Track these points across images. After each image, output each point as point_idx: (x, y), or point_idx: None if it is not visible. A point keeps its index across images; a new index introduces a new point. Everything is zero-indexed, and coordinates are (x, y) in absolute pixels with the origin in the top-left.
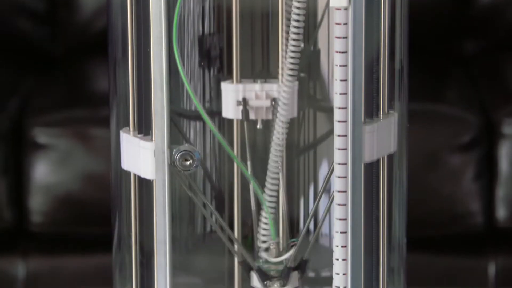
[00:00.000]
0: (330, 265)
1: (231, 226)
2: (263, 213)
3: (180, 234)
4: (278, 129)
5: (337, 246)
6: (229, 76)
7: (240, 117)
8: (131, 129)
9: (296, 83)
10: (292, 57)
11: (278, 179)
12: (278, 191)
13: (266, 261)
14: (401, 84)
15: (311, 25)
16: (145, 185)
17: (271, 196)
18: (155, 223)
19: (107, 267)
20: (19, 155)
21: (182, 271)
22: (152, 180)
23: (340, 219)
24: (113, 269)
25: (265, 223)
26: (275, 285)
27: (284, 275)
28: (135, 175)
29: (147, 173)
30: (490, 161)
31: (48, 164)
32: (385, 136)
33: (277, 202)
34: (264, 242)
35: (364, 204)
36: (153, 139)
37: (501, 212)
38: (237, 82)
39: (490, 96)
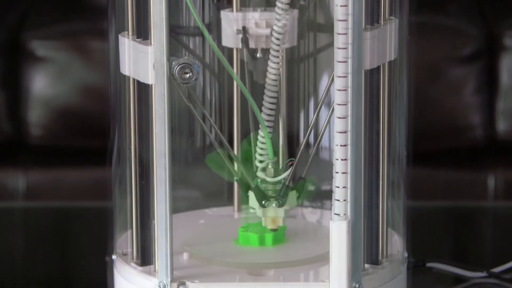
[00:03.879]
0: (330, 178)
1: (231, 144)
2: (261, 132)
3: (180, 148)
4: (274, 53)
5: (338, 160)
6: (228, 5)
7: (239, 45)
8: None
9: (296, 10)
10: None
11: (276, 98)
12: (276, 110)
13: (264, 181)
14: None
15: None
16: (144, 95)
17: (269, 115)
18: (155, 135)
19: (106, 180)
20: (17, 68)
21: (182, 184)
22: (151, 85)
23: (340, 132)
24: (113, 182)
25: (263, 143)
26: (273, 205)
27: (282, 195)
28: (134, 84)
29: (147, 79)
30: (491, 74)
31: (46, 77)
32: (385, 43)
33: (275, 122)
34: (261, 162)
35: (365, 116)
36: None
37: (501, 125)
38: (236, 10)
39: (492, 8)
